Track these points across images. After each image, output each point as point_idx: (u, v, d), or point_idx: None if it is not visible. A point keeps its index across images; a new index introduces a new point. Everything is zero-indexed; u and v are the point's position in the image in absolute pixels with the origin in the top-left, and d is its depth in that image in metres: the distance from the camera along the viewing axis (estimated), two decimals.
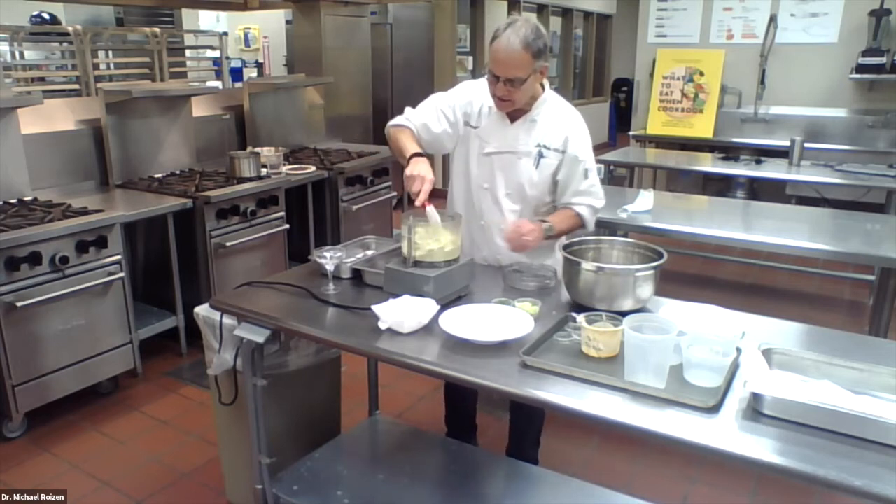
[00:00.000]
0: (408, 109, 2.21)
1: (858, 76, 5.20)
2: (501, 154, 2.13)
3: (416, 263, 1.87)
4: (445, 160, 4.82)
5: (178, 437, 2.86)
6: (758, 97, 5.59)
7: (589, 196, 2.17)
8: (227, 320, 2.00)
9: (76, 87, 4.90)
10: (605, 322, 1.62)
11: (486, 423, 2.72)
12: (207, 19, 8.09)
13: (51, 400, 2.85)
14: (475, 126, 2.17)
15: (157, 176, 3.80)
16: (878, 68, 5.08)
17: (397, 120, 2.20)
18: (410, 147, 2.07)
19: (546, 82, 2.14)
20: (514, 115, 2.12)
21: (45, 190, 3.34)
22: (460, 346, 1.62)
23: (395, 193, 4.73)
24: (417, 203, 1.89)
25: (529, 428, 2.47)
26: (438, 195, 2.02)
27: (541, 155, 2.11)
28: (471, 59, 8.21)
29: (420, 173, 1.92)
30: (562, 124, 2.12)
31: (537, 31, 1.95)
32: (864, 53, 5.12)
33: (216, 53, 6.54)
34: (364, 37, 5.87)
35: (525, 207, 2.17)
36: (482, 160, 2.16)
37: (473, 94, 2.17)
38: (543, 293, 1.95)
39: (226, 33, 6.95)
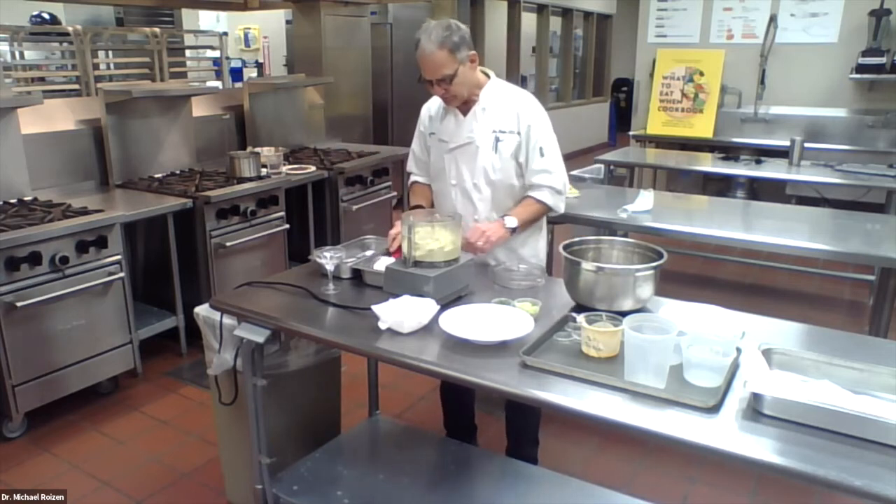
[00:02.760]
0: (406, 167, 2.46)
1: (858, 76, 5.19)
2: (461, 147, 2.21)
3: (416, 263, 1.87)
4: None
5: (178, 437, 2.86)
6: (758, 97, 5.59)
7: (548, 175, 2.19)
8: (227, 320, 2.00)
9: (76, 87, 4.90)
10: (605, 322, 1.62)
11: (485, 422, 2.72)
12: (207, 19, 8.10)
13: (51, 400, 2.85)
14: (433, 132, 2.28)
15: (157, 176, 3.80)
16: (878, 68, 5.08)
17: (409, 181, 2.45)
18: (413, 200, 2.35)
19: (490, 70, 2.22)
20: (465, 109, 2.20)
21: (45, 190, 3.34)
22: (460, 346, 1.62)
23: (394, 193, 4.73)
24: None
25: (526, 427, 2.47)
26: None
27: (497, 140, 2.17)
28: None
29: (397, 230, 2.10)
30: (511, 106, 2.18)
31: (450, 28, 2.03)
32: (864, 53, 5.12)
33: (216, 53, 6.55)
34: (364, 37, 5.87)
35: (495, 193, 2.23)
36: (447, 158, 2.25)
37: (427, 108, 2.35)
38: (542, 293, 1.95)
39: (226, 33, 6.96)
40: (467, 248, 2.04)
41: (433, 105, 2.32)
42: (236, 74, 7.71)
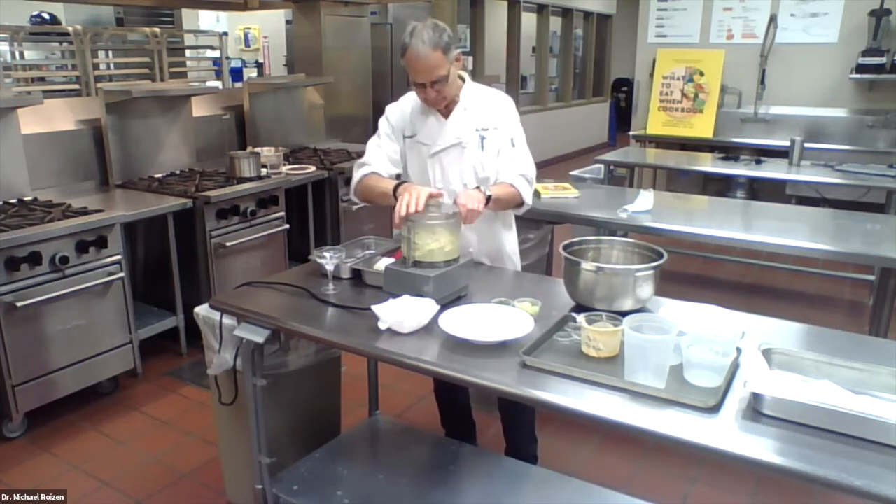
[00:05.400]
0: (357, 163, 2.27)
1: (858, 76, 5.19)
2: (447, 150, 2.18)
3: (416, 263, 1.87)
4: None
5: (178, 437, 2.86)
6: (758, 97, 5.59)
7: (517, 164, 2.18)
8: (227, 320, 2.00)
9: (76, 87, 4.89)
10: (605, 322, 1.62)
11: (485, 422, 2.72)
12: (207, 19, 8.10)
13: (51, 400, 2.86)
14: (412, 135, 2.22)
15: (157, 176, 3.80)
16: (878, 68, 5.08)
17: (359, 173, 2.24)
18: (388, 183, 2.13)
19: (465, 73, 2.20)
20: (445, 111, 2.18)
21: (45, 190, 3.34)
22: (460, 346, 1.62)
23: None
24: (421, 206, 1.87)
25: (522, 425, 2.47)
26: None
27: (482, 138, 2.17)
28: (471, 59, 8.20)
29: (412, 189, 1.94)
30: (490, 103, 2.20)
31: (437, 28, 2.00)
32: (864, 53, 5.12)
33: (216, 53, 6.54)
34: (364, 37, 5.87)
35: None
36: (430, 163, 2.20)
37: (400, 109, 2.25)
38: (542, 293, 1.95)
39: (226, 33, 6.95)
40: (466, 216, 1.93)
41: (406, 107, 2.23)
42: (236, 74, 7.70)
